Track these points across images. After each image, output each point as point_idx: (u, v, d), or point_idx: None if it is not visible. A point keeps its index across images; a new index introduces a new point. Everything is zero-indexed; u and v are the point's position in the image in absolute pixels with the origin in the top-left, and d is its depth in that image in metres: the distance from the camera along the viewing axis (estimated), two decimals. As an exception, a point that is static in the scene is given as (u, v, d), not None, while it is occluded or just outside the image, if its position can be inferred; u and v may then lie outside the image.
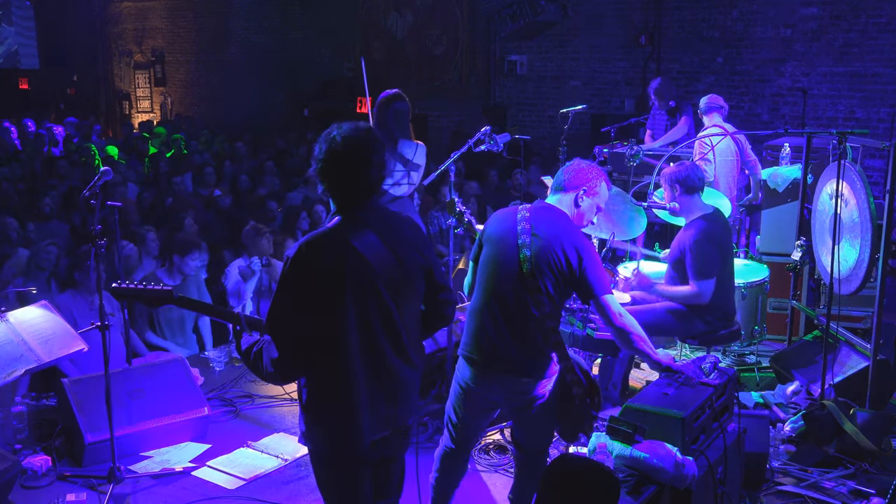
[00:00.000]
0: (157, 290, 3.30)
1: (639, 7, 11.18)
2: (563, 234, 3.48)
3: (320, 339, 2.82)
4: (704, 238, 4.81)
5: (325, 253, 2.80)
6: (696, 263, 4.80)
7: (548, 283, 3.43)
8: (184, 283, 5.96)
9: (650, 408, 3.41)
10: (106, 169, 4.27)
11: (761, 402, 5.11)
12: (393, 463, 3.12)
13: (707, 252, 4.79)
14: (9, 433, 4.51)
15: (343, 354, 2.82)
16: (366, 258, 2.81)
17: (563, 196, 3.63)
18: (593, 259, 3.46)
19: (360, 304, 2.82)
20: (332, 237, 2.83)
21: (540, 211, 3.57)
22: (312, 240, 2.84)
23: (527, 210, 3.56)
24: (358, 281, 2.80)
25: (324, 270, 2.78)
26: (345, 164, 2.83)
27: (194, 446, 4.68)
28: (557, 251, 3.43)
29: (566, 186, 3.64)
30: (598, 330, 4.61)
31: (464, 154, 5.18)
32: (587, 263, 3.43)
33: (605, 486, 2.90)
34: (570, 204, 3.62)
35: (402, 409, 2.99)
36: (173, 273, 6.00)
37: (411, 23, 13.79)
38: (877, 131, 9.19)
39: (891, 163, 4.60)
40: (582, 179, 3.62)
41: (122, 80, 18.78)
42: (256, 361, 2.89)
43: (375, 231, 2.87)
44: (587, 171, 3.64)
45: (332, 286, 2.79)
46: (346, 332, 2.81)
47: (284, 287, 2.82)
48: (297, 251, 2.80)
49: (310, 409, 2.91)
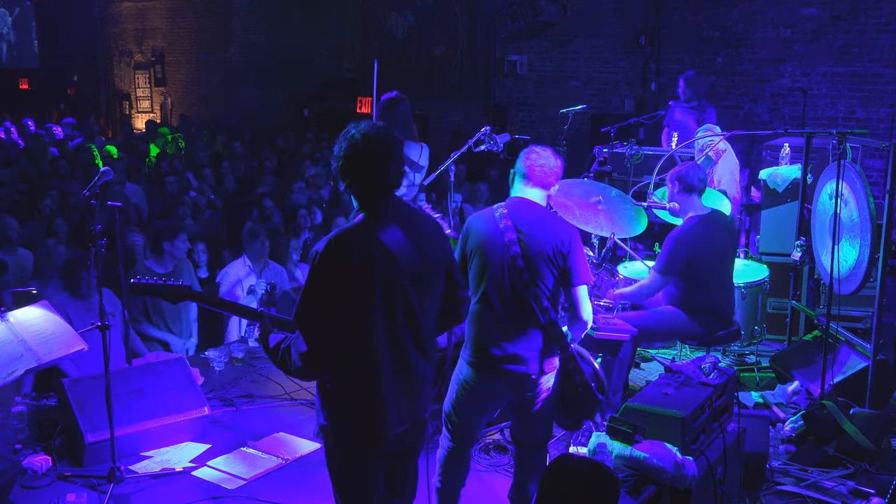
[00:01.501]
0: (175, 287, 3.31)
1: (639, 7, 11.18)
2: (552, 226, 3.56)
3: (349, 332, 2.85)
4: (684, 238, 4.84)
5: (354, 247, 2.83)
6: (665, 257, 4.86)
7: (543, 276, 3.49)
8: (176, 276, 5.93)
9: (650, 408, 3.42)
10: (106, 169, 4.27)
11: (761, 402, 5.11)
12: (409, 458, 3.15)
13: (678, 252, 4.81)
14: (9, 433, 4.50)
15: (371, 347, 2.85)
16: (392, 252, 2.85)
17: (533, 190, 3.65)
18: (580, 250, 3.57)
19: (386, 298, 2.85)
20: (360, 232, 2.86)
21: (518, 206, 3.61)
22: (341, 234, 2.86)
23: (504, 207, 3.61)
24: (385, 275, 2.84)
25: (353, 264, 2.81)
26: (367, 160, 2.88)
27: (194, 446, 4.68)
28: (548, 244, 3.50)
29: (536, 182, 3.65)
30: (598, 330, 4.62)
31: (464, 154, 5.18)
32: (575, 253, 3.54)
33: (605, 486, 2.90)
34: (541, 199, 3.67)
35: (420, 403, 3.04)
36: (164, 260, 5.98)
37: (411, 23, 13.79)
38: (877, 131, 9.19)
39: (891, 163, 4.60)
40: (555, 178, 3.68)
41: (122, 80, 18.78)
42: (284, 357, 2.92)
43: (399, 226, 2.90)
44: (558, 171, 3.69)
45: (361, 280, 2.82)
46: (373, 326, 2.84)
47: (314, 281, 2.84)
48: (326, 245, 2.83)
49: (335, 402, 2.93)
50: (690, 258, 4.82)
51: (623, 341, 4.77)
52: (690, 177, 4.92)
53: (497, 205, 3.65)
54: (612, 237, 5.13)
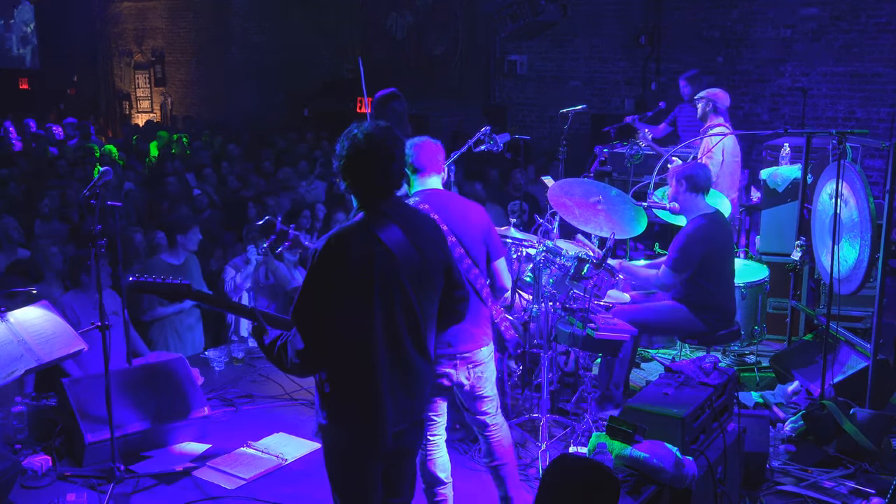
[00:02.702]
0: (173, 285, 3.30)
1: (639, 7, 11.18)
2: (467, 212, 3.73)
3: (347, 331, 2.84)
4: (698, 236, 4.84)
5: (354, 245, 2.82)
6: (678, 254, 4.86)
7: (476, 257, 3.69)
8: (187, 273, 5.98)
9: (650, 408, 3.42)
10: (106, 169, 4.27)
11: (761, 402, 5.10)
12: (407, 458, 3.14)
13: (691, 249, 4.81)
14: (9, 433, 4.50)
15: (368, 346, 2.85)
16: (392, 251, 2.85)
17: (435, 178, 3.78)
18: (494, 228, 3.85)
19: (385, 297, 2.85)
20: (360, 230, 2.86)
21: (432, 198, 3.68)
22: (341, 232, 2.86)
23: (423, 203, 3.65)
24: (385, 273, 2.84)
25: (352, 262, 2.81)
26: (368, 161, 2.87)
27: (194, 446, 4.68)
28: (472, 228, 3.68)
29: (430, 169, 3.76)
30: (598, 330, 4.62)
31: (464, 154, 5.17)
32: (493, 233, 3.78)
33: (605, 486, 2.90)
34: (440, 184, 3.81)
35: (419, 403, 3.03)
36: (177, 251, 6.09)
37: (411, 23, 13.78)
38: (877, 131, 9.19)
39: (891, 163, 4.60)
40: (443, 157, 3.83)
41: (122, 80, 18.78)
42: (280, 354, 2.91)
43: (399, 226, 2.90)
44: (442, 150, 3.83)
45: (360, 278, 2.81)
46: (371, 324, 2.84)
47: (312, 278, 2.84)
48: (325, 243, 2.83)
49: (333, 401, 2.92)
50: (704, 256, 4.83)
51: (623, 341, 4.77)
52: (699, 177, 4.92)
53: (412, 199, 3.70)
54: (611, 237, 5.13)
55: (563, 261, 4.66)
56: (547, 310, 4.67)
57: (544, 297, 4.68)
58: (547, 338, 4.65)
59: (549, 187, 5.30)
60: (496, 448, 3.84)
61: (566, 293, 4.69)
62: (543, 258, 4.68)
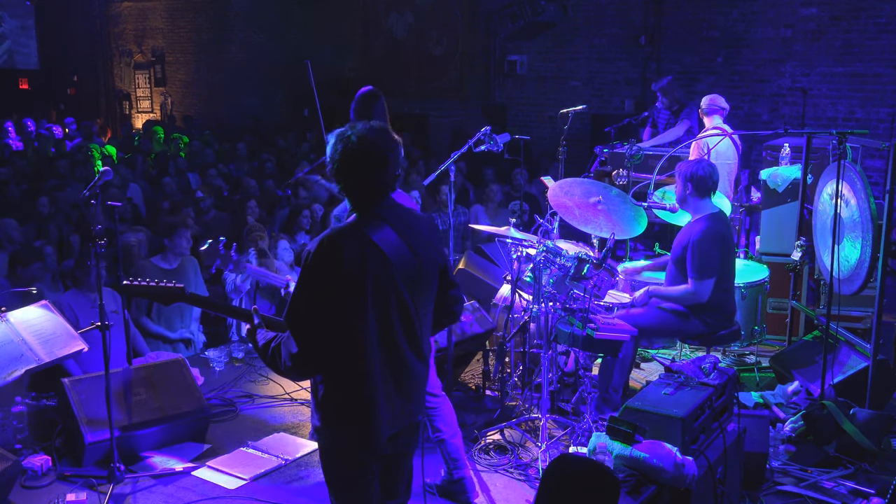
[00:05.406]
0: (167, 288, 3.28)
1: (639, 7, 11.17)
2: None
3: (341, 333, 2.82)
4: (708, 237, 4.82)
5: (347, 247, 2.80)
6: (697, 262, 4.81)
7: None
8: (182, 277, 5.95)
9: (650, 408, 3.42)
10: (106, 169, 4.27)
11: (761, 402, 5.10)
12: (403, 461, 3.13)
13: (708, 251, 4.80)
14: (9, 433, 4.51)
15: (363, 348, 2.83)
16: (385, 253, 2.83)
17: None
18: None
19: (379, 299, 2.83)
20: (353, 232, 2.84)
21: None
22: (334, 234, 2.84)
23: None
24: (378, 275, 2.82)
25: (346, 264, 2.78)
26: (361, 163, 2.84)
27: (194, 446, 4.68)
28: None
29: None
30: (598, 330, 4.62)
31: (464, 154, 5.18)
32: None
33: (605, 486, 2.90)
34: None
35: (415, 404, 3.02)
36: (168, 257, 6.01)
37: (411, 23, 13.78)
38: (877, 131, 9.19)
39: (891, 163, 4.60)
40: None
41: (122, 80, 18.78)
42: (274, 357, 2.89)
43: (393, 227, 2.89)
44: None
45: (353, 280, 2.79)
46: (366, 327, 2.82)
47: (306, 281, 2.82)
48: (318, 245, 2.81)
49: (328, 404, 2.91)
50: (720, 256, 4.82)
51: (623, 341, 4.77)
52: (707, 180, 4.91)
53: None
54: (611, 237, 5.13)
55: (563, 261, 4.67)
56: (547, 310, 4.67)
57: (544, 297, 4.68)
58: (547, 338, 4.65)
59: (548, 187, 5.31)
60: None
61: (566, 293, 4.69)
62: (543, 258, 4.68)
